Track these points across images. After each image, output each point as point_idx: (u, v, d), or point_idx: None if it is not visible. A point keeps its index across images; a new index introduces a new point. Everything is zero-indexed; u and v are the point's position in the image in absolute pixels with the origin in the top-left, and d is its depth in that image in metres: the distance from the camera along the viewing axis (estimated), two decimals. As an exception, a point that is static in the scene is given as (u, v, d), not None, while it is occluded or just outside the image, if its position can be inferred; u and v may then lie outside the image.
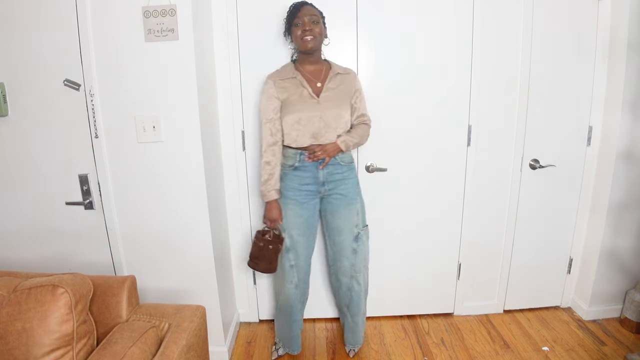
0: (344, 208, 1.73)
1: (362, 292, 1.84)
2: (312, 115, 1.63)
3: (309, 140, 1.65)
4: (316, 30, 1.60)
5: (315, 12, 1.63)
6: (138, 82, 1.57)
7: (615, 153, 1.95)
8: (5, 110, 1.58)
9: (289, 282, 1.79)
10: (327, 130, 1.64)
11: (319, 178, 1.70)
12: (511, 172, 2.06)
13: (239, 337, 2.11)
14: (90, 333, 1.17)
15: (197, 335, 1.30)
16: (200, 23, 1.65)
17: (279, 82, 1.67)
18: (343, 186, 1.72)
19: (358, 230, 1.76)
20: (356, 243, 1.76)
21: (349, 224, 1.74)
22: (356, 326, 1.90)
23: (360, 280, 1.81)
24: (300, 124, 1.64)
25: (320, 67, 1.71)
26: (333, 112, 1.64)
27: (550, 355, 1.91)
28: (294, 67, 1.70)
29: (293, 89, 1.66)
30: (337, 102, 1.66)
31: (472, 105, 1.96)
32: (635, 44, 1.83)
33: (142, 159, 1.64)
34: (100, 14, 1.50)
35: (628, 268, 2.11)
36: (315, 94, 1.65)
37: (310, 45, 1.61)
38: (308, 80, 1.67)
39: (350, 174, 1.75)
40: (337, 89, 1.68)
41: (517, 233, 2.14)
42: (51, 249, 1.73)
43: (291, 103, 1.64)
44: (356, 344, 1.94)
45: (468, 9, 1.86)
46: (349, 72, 1.74)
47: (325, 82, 1.67)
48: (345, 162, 1.72)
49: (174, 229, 1.72)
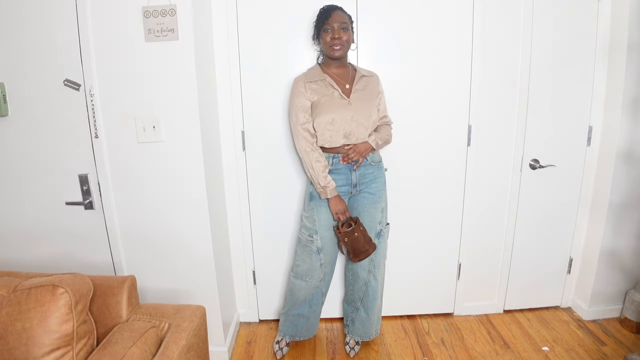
0: (371, 206, 1.77)
1: (378, 288, 1.87)
2: (345, 115, 1.66)
3: (342, 140, 1.68)
4: (344, 38, 1.63)
5: (345, 18, 1.64)
6: (138, 82, 1.56)
7: (615, 153, 1.95)
8: (5, 110, 1.58)
9: (314, 279, 1.85)
10: (358, 129, 1.67)
11: (352, 180, 1.73)
12: (511, 172, 2.06)
13: (239, 337, 2.11)
14: (90, 333, 1.17)
15: (197, 335, 1.30)
16: (200, 23, 1.65)
17: (308, 84, 1.69)
18: (373, 185, 1.76)
19: (381, 227, 1.80)
20: (377, 240, 1.80)
21: (373, 221, 1.77)
22: (369, 320, 1.92)
23: (377, 276, 1.85)
24: (334, 125, 1.66)
25: (347, 70, 1.74)
26: (364, 112, 1.67)
27: (550, 355, 1.91)
28: (319, 68, 1.73)
29: (323, 91, 1.68)
30: (366, 103, 1.69)
31: (472, 105, 1.96)
32: (635, 44, 1.83)
33: (142, 159, 1.64)
34: (100, 14, 1.50)
35: (628, 268, 2.11)
36: (345, 95, 1.68)
37: (338, 53, 1.64)
38: (337, 82, 1.70)
39: (379, 172, 1.79)
40: (364, 90, 1.72)
41: (517, 233, 2.14)
42: (51, 249, 1.73)
43: (322, 104, 1.66)
44: (365, 336, 1.94)
45: (468, 9, 1.86)
46: (373, 75, 1.78)
47: (352, 84, 1.70)
48: (375, 161, 1.77)
49: (174, 228, 1.72)
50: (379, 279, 1.86)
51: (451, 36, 1.89)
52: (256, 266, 2.16)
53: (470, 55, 1.91)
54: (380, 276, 1.86)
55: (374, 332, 1.96)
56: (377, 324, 1.96)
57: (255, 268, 2.16)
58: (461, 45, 1.90)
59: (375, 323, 1.95)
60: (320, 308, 1.95)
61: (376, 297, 1.88)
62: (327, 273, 1.87)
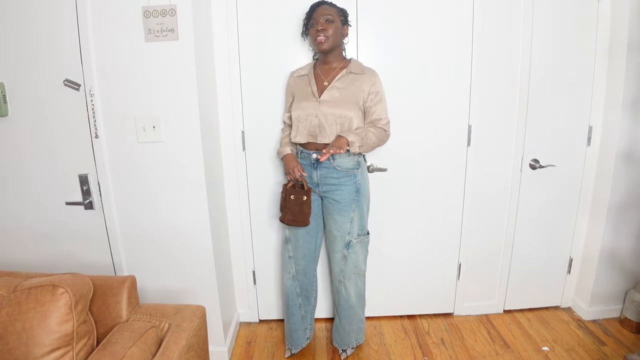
0: (337, 214, 1.71)
1: (350, 299, 1.82)
2: (309, 114, 1.64)
3: (306, 138, 1.67)
4: (330, 30, 1.60)
5: (331, 10, 1.62)
6: (138, 82, 1.56)
7: (615, 153, 1.94)
8: (5, 110, 1.58)
9: (286, 272, 1.86)
10: (322, 130, 1.64)
11: (313, 179, 1.71)
12: (511, 172, 2.06)
13: (239, 337, 2.11)
14: (90, 333, 1.17)
15: (197, 335, 1.30)
16: (200, 23, 1.65)
17: (294, 78, 1.76)
18: (338, 192, 1.69)
19: (350, 238, 1.73)
20: (347, 250, 1.75)
21: (340, 230, 1.73)
22: (342, 329, 1.89)
23: (349, 287, 1.80)
24: (299, 121, 1.67)
25: (336, 66, 1.70)
26: (332, 112, 1.62)
27: (550, 355, 1.91)
28: (313, 65, 1.74)
29: (302, 86, 1.70)
30: (340, 103, 1.63)
31: (472, 105, 1.96)
32: (635, 44, 1.83)
33: (142, 159, 1.64)
34: (100, 14, 1.50)
35: (628, 268, 2.11)
36: (319, 92, 1.66)
37: (324, 46, 1.62)
38: (317, 78, 1.69)
39: (347, 180, 1.68)
40: (345, 89, 1.65)
41: (517, 233, 2.14)
42: (51, 249, 1.73)
43: (296, 100, 1.70)
44: (342, 345, 1.91)
45: (468, 9, 1.86)
46: (364, 72, 1.68)
47: (332, 81, 1.67)
48: (342, 167, 1.67)
49: (174, 228, 1.72)
50: (351, 291, 1.80)
51: (451, 36, 1.89)
52: (256, 266, 2.16)
53: (470, 55, 1.91)
54: (352, 287, 1.80)
55: (354, 341, 1.91)
56: (357, 333, 1.90)
57: (255, 268, 2.16)
58: (461, 44, 1.90)
59: (355, 332, 1.89)
60: (298, 312, 1.89)
61: (349, 307, 1.83)
62: (300, 272, 1.83)
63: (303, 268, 1.84)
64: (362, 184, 1.73)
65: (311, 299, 1.92)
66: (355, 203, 1.71)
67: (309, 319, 1.95)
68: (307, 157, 1.70)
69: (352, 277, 1.79)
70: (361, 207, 1.74)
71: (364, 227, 1.78)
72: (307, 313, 1.93)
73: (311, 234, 1.79)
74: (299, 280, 1.85)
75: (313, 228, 1.79)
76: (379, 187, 2.03)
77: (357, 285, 1.82)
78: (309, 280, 1.87)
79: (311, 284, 1.89)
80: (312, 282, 1.89)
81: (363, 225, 1.77)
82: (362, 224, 1.77)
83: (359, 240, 1.76)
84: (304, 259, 1.82)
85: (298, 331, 1.92)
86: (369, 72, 1.70)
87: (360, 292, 1.84)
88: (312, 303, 1.94)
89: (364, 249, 1.80)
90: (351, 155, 1.67)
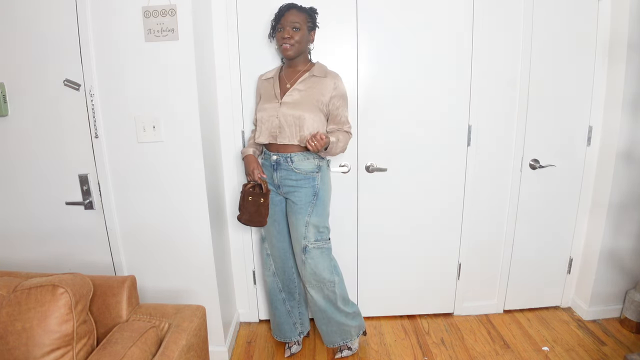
0: (293, 216, 1.71)
1: (318, 303, 1.77)
2: (271, 115, 1.66)
3: (267, 139, 1.69)
4: (296, 37, 1.61)
5: (299, 17, 1.61)
6: (138, 82, 1.57)
7: (615, 153, 1.94)
8: (5, 110, 1.58)
9: (266, 269, 1.91)
10: (281, 130, 1.65)
11: (274, 179, 1.73)
12: (511, 172, 2.06)
13: (239, 337, 2.11)
14: (90, 333, 1.17)
15: (197, 335, 1.30)
16: (200, 23, 1.65)
17: (262, 81, 1.80)
18: (296, 194, 1.69)
19: (306, 243, 1.70)
20: (304, 255, 1.71)
21: (296, 232, 1.72)
22: (320, 330, 1.86)
23: (312, 292, 1.76)
24: (262, 122, 1.69)
25: (300, 69, 1.71)
26: (291, 114, 1.62)
27: (550, 355, 1.91)
28: (279, 68, 1.77)
29: (266, 89, 1.74)
30: (300, 105, 1.63)
31: (472, 105, 1.96)
32: (635, 44, 1.83)
33: (142, 159, 1.64)
34: (100, 14, 1.50)
35: (628, 268, 2.11)
36: (281, 94, 1.68)
37: (289, 53, 1.64)
38: (281, 81, 1.72)
39: (305, 183, 1.67)
40: (305, 92, 1.65)
41: (517, 233, 2.14)
42: (51, 249, 1.73)
43: (261, 102, 1.74)
44: (328, 344, 1.89)
45: (468, 9, 1.86)
46: (326, 76, 1.67)
47: (294, 84, 1.68)
48: (301, 170, 1.66)
49: (174, 229, 1.72)
50: (315, 296, 1.75)
51: (451, 36, 1.89)
52: (256, 266, 2.16)
53: (470, 55, 1.90)
54: (316, 294, 1.75)
55: (340, 340, 1.85)
56: (341, 334, 1.84)
57: (255, 268, 2.16)
58: (461, 45, 1.90)
59: (338, 334, 1.84)
60: (283, 307, 1.90)
61: (318, 310, 1.79)
62: (279, 269, 1.86)
63: (281, 266, 1.87)
64: (321, 188, 1.70)
65: (295, 294, 1.92)
66: (311, 206, 1.69)
67: (297, 313, 1.95)
68: (269, 158, 1.72)
69: (314, 283, 1.74)
70: (318, 212, 1.70)
71: (324, 233, 1.74)
72: (292, 308, 1.93)
73: (282, 234, 1.81)
74: (279, 276, 1.89)
75: (284, 227, 1.80)
76: (379, 187, 2.03)
77: (324, 293, 1.76)
78: (289, 277, 1.89)
79: (291, 280, 1.89)
80: (291, 278, 1.89)
81: (321, 230, 1.72)
82: (320, 230, 1.72)
83: (316, 246, 1.71)
84: (279, 258, 1.85)
85: (285, 324, 1.93)
86: (332, 75, 1.69)
87: (330, 299, 1.77)
88: (297, 298, 1.94)
89: (325, 257, 1.74)
90: (310, 158, 1.67)
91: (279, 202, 1.77)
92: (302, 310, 1.97)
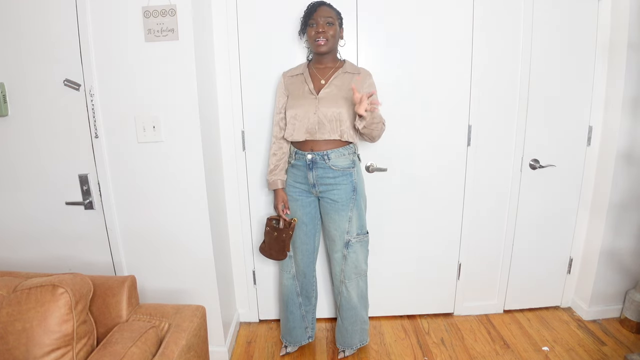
0: (334, 213, 1.72)
1: (352, 299, 1.81)
2: (308, 111, 1.64)
3: (303, 136, 1.67)
4: (330, 32, 1.60)
5: (331, 13, 1.62)
6: (138, 82, 1.56)
7: (615, 153, 1.94)
8: (5, 110, 1.58)
9: (286, 272, 1.87)
10: (320, 126, 1.64)
11: (309, 179, 1.71)
12: (511, 172, 2.06)
13: (239, 337, 2.11)
14: (90, 333, 1.17)
15: (197, 335, 1.30)
16: (200, 23, 1.65)
17: (288, 78, 1.75)
18: (335, 191, 1.69)
19: (349, 238, 1.73)
20: (346, 250, 1.74)
21: (339, 229, 1.73)
22: (345, 330, 1.88)
23: (350, 287, 1.79)
24: (297, 119, 1.66)
25: (332, 66, 1.70)
26: (330, 110, 1.62)
27: (550, 355, 1.91)
28: (307, 65, 1.74)
29: (297, 85, 1.70)
30: (336, 100, 1.64)
31: (472, 105, 1.96)
32: (635, 44, 1.83)
33: (142, 159, 1.64)
34: (100, 14, 1.50)
35: (628, 268, 2.11)
36: (316, 90, 1.66)
37: (323, 48, 1.62)
38: (313, 77, 1.69)
39: (344, 179, 1.69)
40: (342, 87, 1.66)
41: (517, 233, 2.14)
42: (51, 249, 1.73)
43: (293, 98, 1.69)
44: (345, 346, 1.90)
45: (468, 9, 1.86)
46: (359, 72, 1.70)
47: (329, 79, 1.67)
48: (338, 167, 1.68)
49: (174, 229, 1.72)
50: (352, 291, 1.79)
51: (451, 36, 1.89)
52: (256, 266, 2.16)
53: (470, 55, 1.90)
54: (354, 287, 1.79)
55: (357, 342, 1.89)
56: (360, 334, 1.88)
57: (255, 268, 2.16)
58: (461, 44, 1.90)
59: (358, 334, 1.88)
60: (298, 312, 1.90)
61: (350, 308, 1.82)
62: (300, 273, 1.85)
63: (303, 269, 1.85)
64: (358, 183, 1.73)
65: (312, 298, 1.93)
66: (352, 202, 1.71)
67: (310, 318, 1.95)
68: (302, 158, 1.70)
69: (353, 277, 1.79)
70: (359, 206, 1.74)
71: (363, 227, 1.78)
72: (307, 312, 1.93)
73: (309, 235, 1.80)
74: (299, 280, 1.87)
75: (311, 229, 1.79)
76: (379, 187, 2.03)
77: (359, 285, 1.81)
78: (309, 281, 1.88)
79: (311, 284, 1.90)
80: (311, 282, 1.90)
81: (362, 224, 1.76)
82: (361, 223, 1.76)
83: (358, 239, 1.76)
84: (303, 260, 1.83)
85: (297, 329, 1.92)
86: (364, 72, 1.73)
87: (362, 293, 1.84)
88: (313, 303, 1.95)
89: (364, 249, 1.79)
90: (345, 154, 1.68)
91: (308, 204, 1.76)
92: (314, 315, 1.98)
